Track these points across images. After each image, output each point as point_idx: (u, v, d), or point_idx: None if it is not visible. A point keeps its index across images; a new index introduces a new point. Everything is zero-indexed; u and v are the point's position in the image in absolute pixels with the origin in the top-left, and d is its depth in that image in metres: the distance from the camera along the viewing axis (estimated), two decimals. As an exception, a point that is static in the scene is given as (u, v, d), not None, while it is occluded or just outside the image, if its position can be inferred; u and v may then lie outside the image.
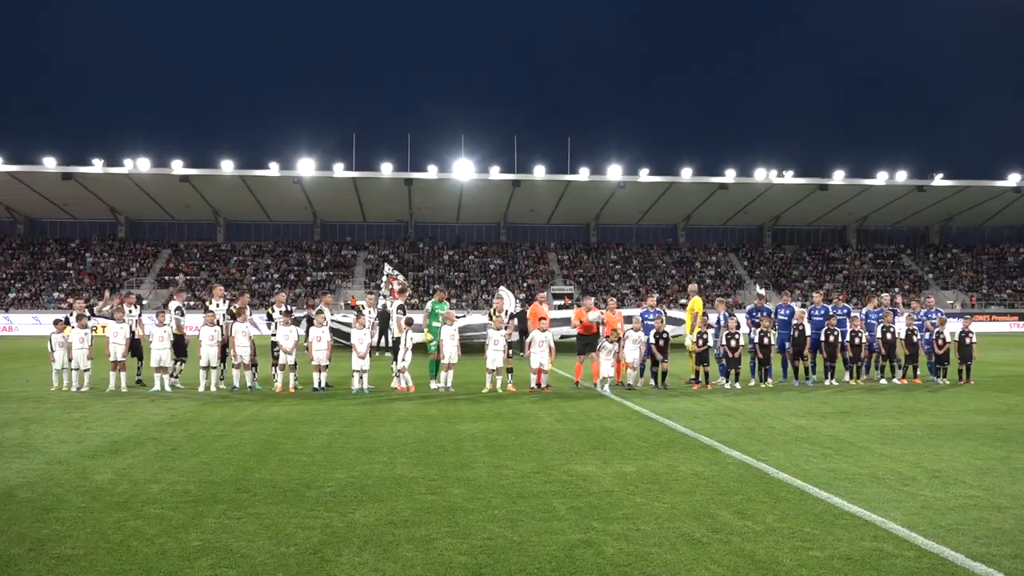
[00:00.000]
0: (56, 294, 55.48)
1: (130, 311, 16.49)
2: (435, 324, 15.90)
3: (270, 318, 16.44)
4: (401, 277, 24.62)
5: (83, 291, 54.90)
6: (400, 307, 16.88)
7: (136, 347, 16.30)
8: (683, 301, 18.03)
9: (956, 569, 4.89)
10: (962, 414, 11.95)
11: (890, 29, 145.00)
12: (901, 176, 58.55)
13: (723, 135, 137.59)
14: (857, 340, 16.85)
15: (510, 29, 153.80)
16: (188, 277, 58.34)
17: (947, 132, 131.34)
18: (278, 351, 15.38)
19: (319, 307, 16.82)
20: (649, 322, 16.45)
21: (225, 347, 15.70)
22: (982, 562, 4.99)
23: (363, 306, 16.58)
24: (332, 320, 18.58)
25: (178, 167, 54.91)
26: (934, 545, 5.33)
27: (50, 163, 53.97)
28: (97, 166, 54.41)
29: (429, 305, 16.33)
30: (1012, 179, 59.07)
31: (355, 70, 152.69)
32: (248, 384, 15.42)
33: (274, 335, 15.64)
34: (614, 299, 18.23)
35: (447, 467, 7.93)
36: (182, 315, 16.53)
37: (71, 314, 16.54)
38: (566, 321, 20.53)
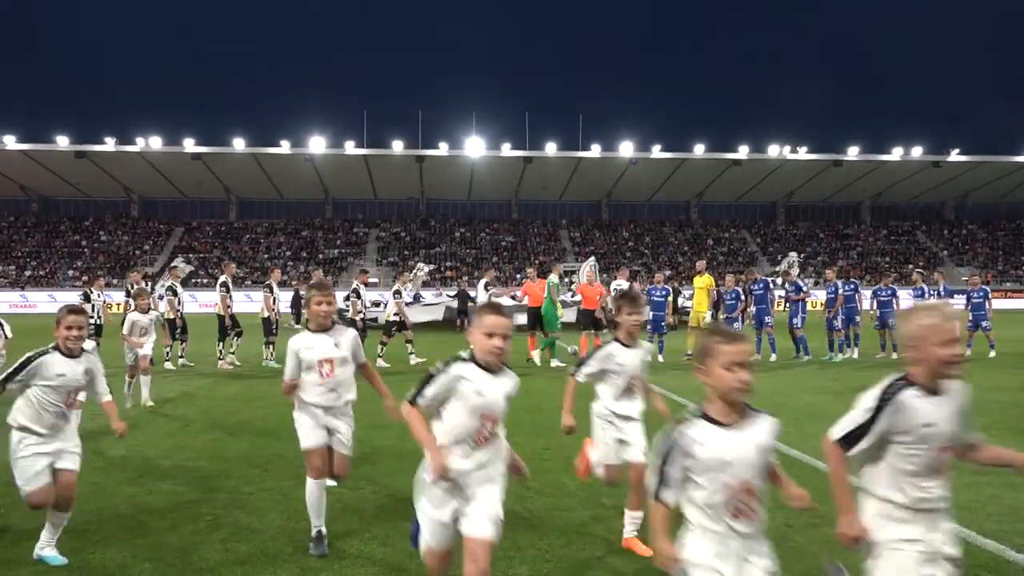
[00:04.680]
0: (71, 272, 55.89)
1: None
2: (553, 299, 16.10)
3: (357, 295, 16.19)
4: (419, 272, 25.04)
5: (97, 269, 55.26)
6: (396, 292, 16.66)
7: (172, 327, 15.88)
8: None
9: (968, 546, 4.86)
10: (976, 391, 11.78)
11: (907, 4, 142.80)
12: (917, 152, 57.91)
13: (736, 111, 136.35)
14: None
15: (522, 5, 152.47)
16: (201, 255, 58.58)
17: (964, 107, 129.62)
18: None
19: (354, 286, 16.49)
20: (657, 299, 16.44)
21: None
22: (994, 539, 4.96)
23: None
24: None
25: (190, 145, 55.00)
26: (946, 522, 5.29)
27: (63, 141, 54.16)
28: (109, 144, 54.57)
29: (554, 277, 16.28)
30: (1030, 154, 58.35)
31: (366, 47, 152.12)
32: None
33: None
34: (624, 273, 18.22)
35: (457, 443, 7.94)
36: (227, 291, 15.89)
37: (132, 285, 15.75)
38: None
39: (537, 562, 4.61)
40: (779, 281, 18.43)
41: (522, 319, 16.37)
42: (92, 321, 15.58)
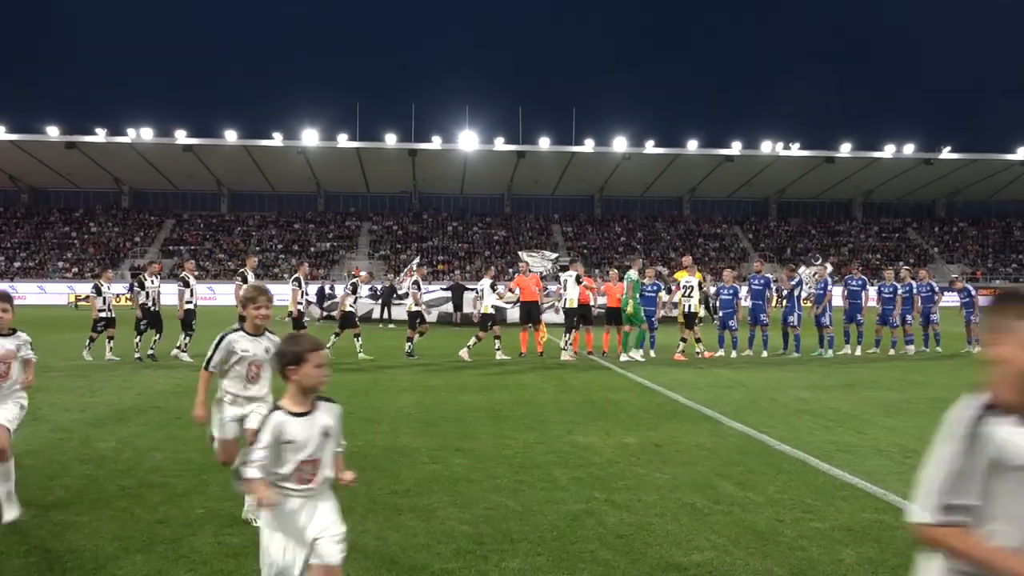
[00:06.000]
0: (60, 263, 55.57)
1: (152, 281, 16.30)
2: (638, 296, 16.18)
3: (418, 287, 16.71)
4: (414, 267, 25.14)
5: (87, 261, 54.97)
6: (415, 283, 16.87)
7: (156, 320, 15.80)
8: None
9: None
10: (966, 387, 11.88)
11: (899, 2, 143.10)
12: (908, 149, 58.15)
13: (729, 107, 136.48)
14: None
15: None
16: (192, 247, 58.33)
17: (956, 105, 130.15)
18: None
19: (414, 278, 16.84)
20: (648, 294, 16.43)
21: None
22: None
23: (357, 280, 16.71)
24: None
25: (181, 136, 54.75)
26: (935, 517, 5.32)
27: (53, 132, 53.83)
28: (100, 135, 54.27)
29: (634, 273, 16.23)
30: (1021, 152, 58.62)
31: (359, 39, 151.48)
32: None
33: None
34: (615, 270, 18.22)
35: (450, 437, 7.95)
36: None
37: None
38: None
39: (529, 555, 4.62)
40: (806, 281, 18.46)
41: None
42: (103, 314, 15.56)
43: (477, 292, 16.41)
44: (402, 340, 16.60)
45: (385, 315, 27.32)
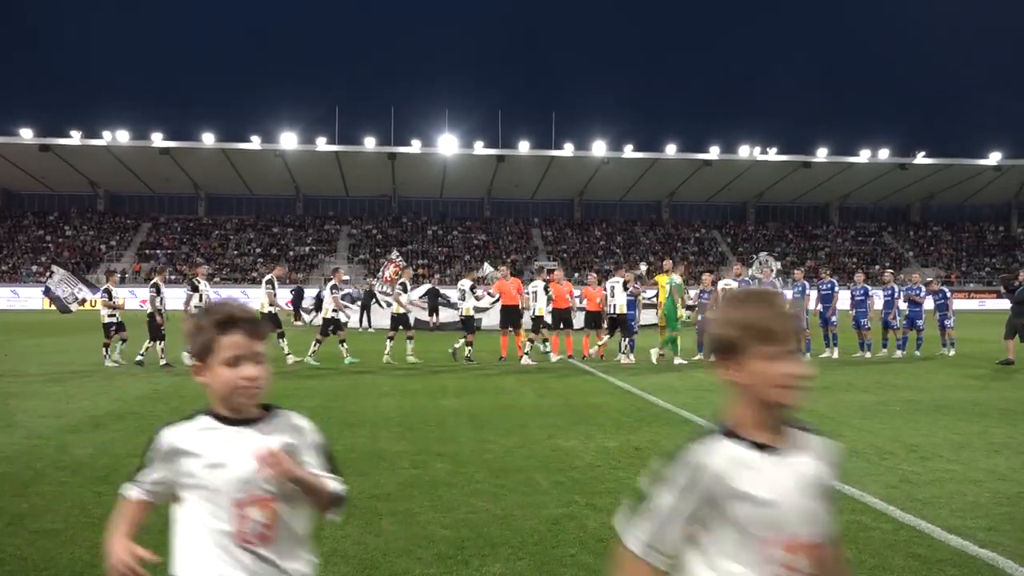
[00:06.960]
0: (34, 267, 54.83)
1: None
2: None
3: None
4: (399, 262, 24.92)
5: (62, 265, 54.18)
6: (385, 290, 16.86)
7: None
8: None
9: (932, 541, 4.95)
10: (940, 390, 12.08)
11: (875, 8, 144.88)
12: (884, 154, 58.85)
13: (708, 112, 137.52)
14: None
15: (495, 3, 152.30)
16: (169, 251, 57.80)
17: (930, 110, 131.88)
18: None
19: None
20: (627, 298, 16.47)
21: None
22: (957, 534, 5.05)
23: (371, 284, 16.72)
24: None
25: (158, 139, 54.28)
26: (911, 518, 5.39)
27: (27, 134, 53.16)
28: (75, 138, 53.68)
29: (676, 277, 16.24)
30: (993, 158, 59.50)
31: (338, 43, 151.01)
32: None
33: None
34: (594, 274, 18.28)
35: (430, 441, 7.93)
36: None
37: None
38: None
39: (510, 560, 4.62)
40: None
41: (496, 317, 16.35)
42: (112, 319, 15.34)
43: (459, 293, 16.33)
44: (383, 344, 16.53)
45: (364, 322, 27.31)
